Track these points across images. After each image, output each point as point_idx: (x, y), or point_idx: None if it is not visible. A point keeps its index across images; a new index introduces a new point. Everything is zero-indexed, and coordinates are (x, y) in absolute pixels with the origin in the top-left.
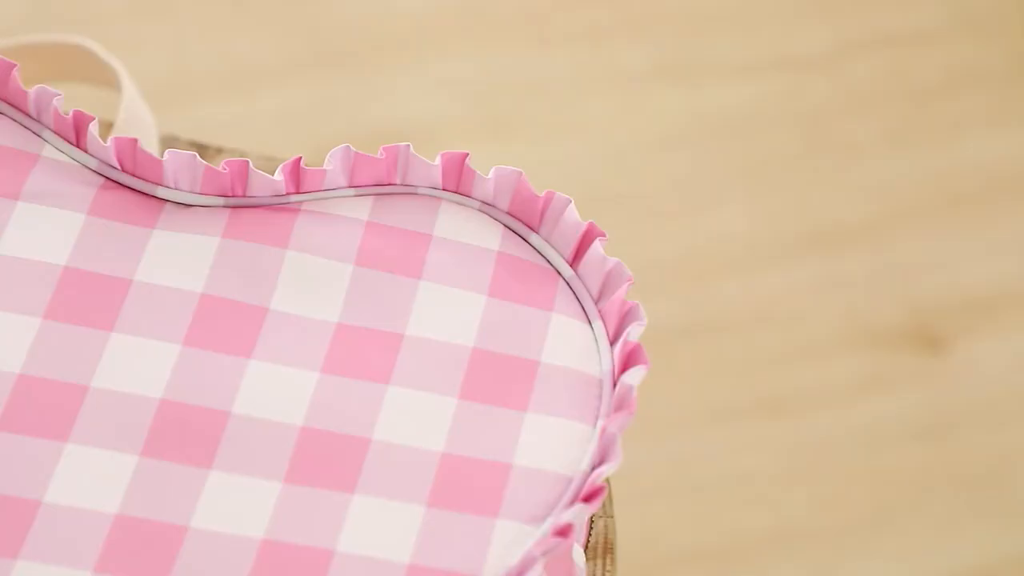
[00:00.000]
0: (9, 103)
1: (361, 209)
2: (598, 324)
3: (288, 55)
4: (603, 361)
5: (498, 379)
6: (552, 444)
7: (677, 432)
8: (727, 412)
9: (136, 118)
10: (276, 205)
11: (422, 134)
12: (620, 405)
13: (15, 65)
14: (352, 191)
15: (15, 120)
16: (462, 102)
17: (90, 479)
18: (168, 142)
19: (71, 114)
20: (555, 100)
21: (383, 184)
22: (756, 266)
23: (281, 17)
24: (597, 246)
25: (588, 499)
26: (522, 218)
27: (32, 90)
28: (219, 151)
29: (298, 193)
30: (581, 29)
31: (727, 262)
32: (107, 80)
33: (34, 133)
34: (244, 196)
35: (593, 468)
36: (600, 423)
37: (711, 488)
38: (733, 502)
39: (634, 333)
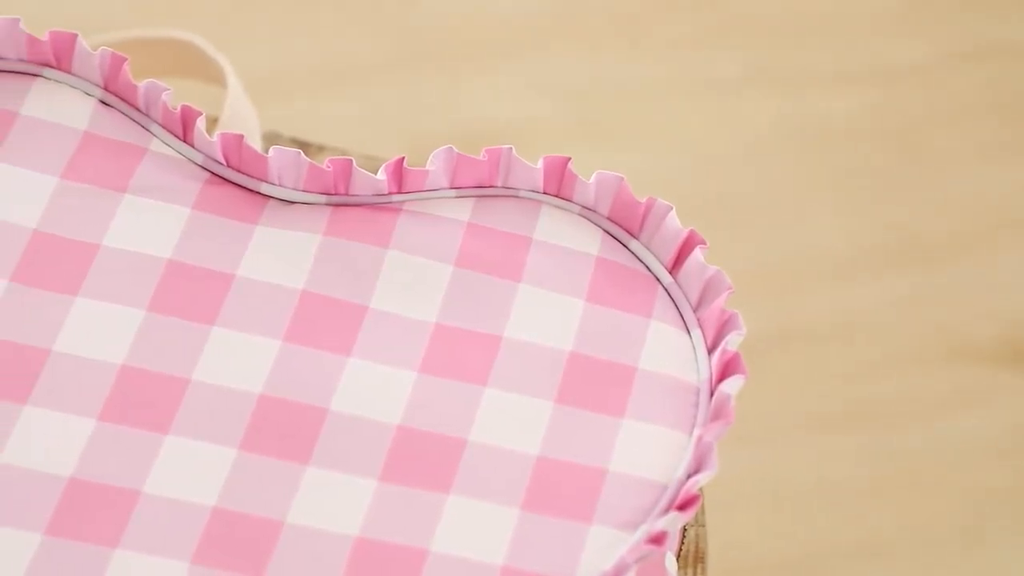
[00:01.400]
0: (119, 96)
1: (462, 210)
2: (696, 332)
3: (384, 54)
4: (701, 369)
5: (595, 384)
6: (648, 451)
7: (763, 441)
8: (814, 423)
9: (240, 115)
10: (378, 204)
11: (513, 136)
12: (717, 414)
13: (126, 59)
14: (453, 192)
15: (124, 114)
16: (553, 105)
17: (189, 471)
18: (270, 139)
19: (179, 109)
20: (647, 105)
21: (484, 186)
22: (846, 277)
23: (379, 16)
24: (697, 254)
25: (683, 507)
26: (622, 224)
27: (142, 84)
28: (320, 149)
29: (400, 193)
30: (676, 35)
31: (817, 272)
32: (212, 76)
33: (142, 127)
34: (346, 195)
35: (688, 476)
36: (696, 431)
37: (798, 499)
38: (820, 513)
39: (733, 342)
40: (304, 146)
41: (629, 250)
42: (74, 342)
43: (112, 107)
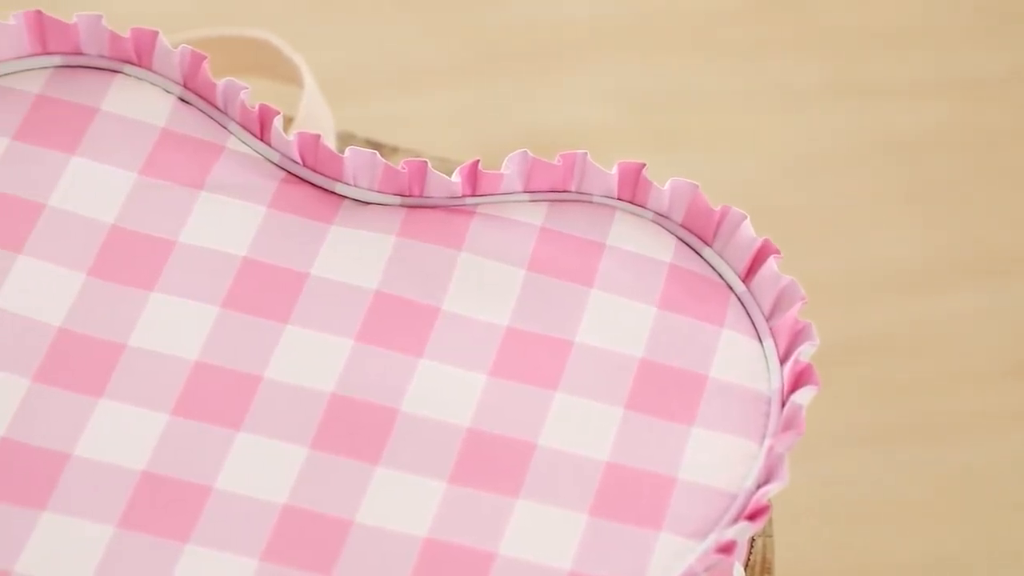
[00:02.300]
0: (198, 94)
1: (535, 214)
2: (768, 342)
3: (456, 56)
4: (772, 379)
5: (665, 391)
6: (718, 460)
7: (828, 452)
8: (882, 436)
9: (315, 114)
10: (452, 207)
11: (582, 141)
12: (788, 424)
13: (206, 57)
14: (527, 196)
15: (203, 111)
16: (623, 111)
17: (260, 468)
18: (344, 139)
19: (257, 107)
20: (718, 113)
21: (558, 190)
22: (918, 290)
23: (449, 18)
24: (771, 263)
25: (752, 517)
26: (696, 231)
27: (220, 82)
28: (394, 150)
29: (474, 196)
30: (751, 42)
31: (889, 284)
32: (288, 76)
33: (220, 125)
34: (421, 196)
35: (758, 487)
36: (767, 442)
37: (862, 512)
38: (884, 527)
39: (805, 353)
40: (378, 147)
41: (702, 258)
42: (149, 337)
43: (191, 105)
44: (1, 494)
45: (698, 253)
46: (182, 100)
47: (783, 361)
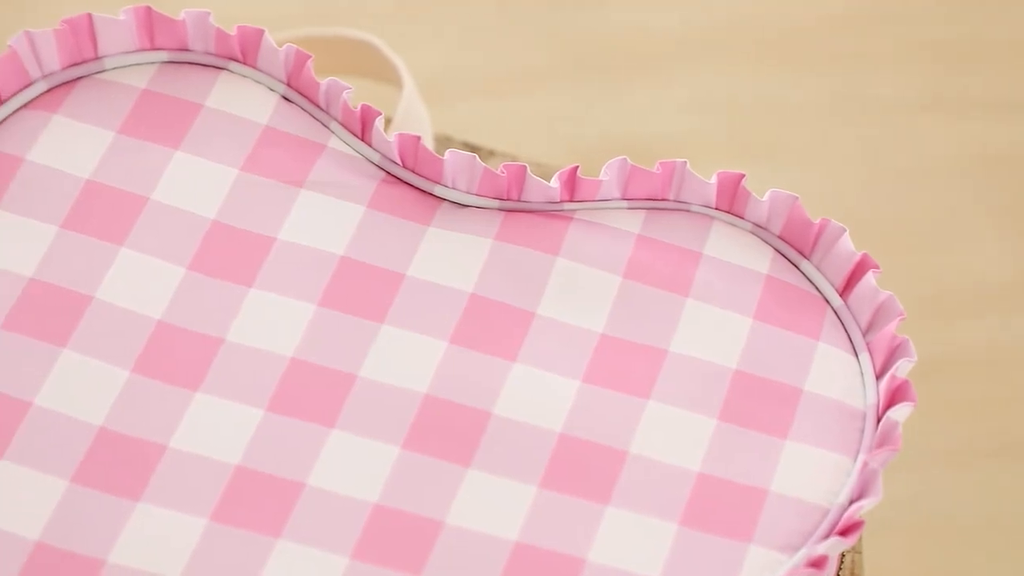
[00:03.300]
0: (301, 93)
1: (633, 222)
2: (865, 357)
3: (549, 61)
4: (868, 395)
5: (759, 403)
6: (811, 474)
7: (918, 469)
8: (970, 453)
9: (414, 116)
10: (549, 212)
11: (673, 148)
12: (884, 441)
13: (310, 56)
14: (625, 203)
15: (305, 110)
16: (713, 120)
17: (352, 466)
18: (442, 142)
19: (359, 108)
20: (809, 125)
21: (656, 199)
22: (1008, 307)
23: (546, 23)
24: (870, 278)
25: (845, 533)
26: (794, 243)
27: (324, 82)
28: (491, 153)
29: (571, 201)
30: (847, 54)
31: (978, 301)
32: (387, 76)
33: (322, 124)
34: (519, 200)
35: (851, 502)
36: (861, 457)
37: (953, 531)
38: (974, 547)
39: (903, 369)
40: (475, 150)
41: (800, 270)
42: (246, 332)
43: (293, 103)
44: (97, 483)
45: (795, 265)
46: (285, 98)
47: (879, 376)
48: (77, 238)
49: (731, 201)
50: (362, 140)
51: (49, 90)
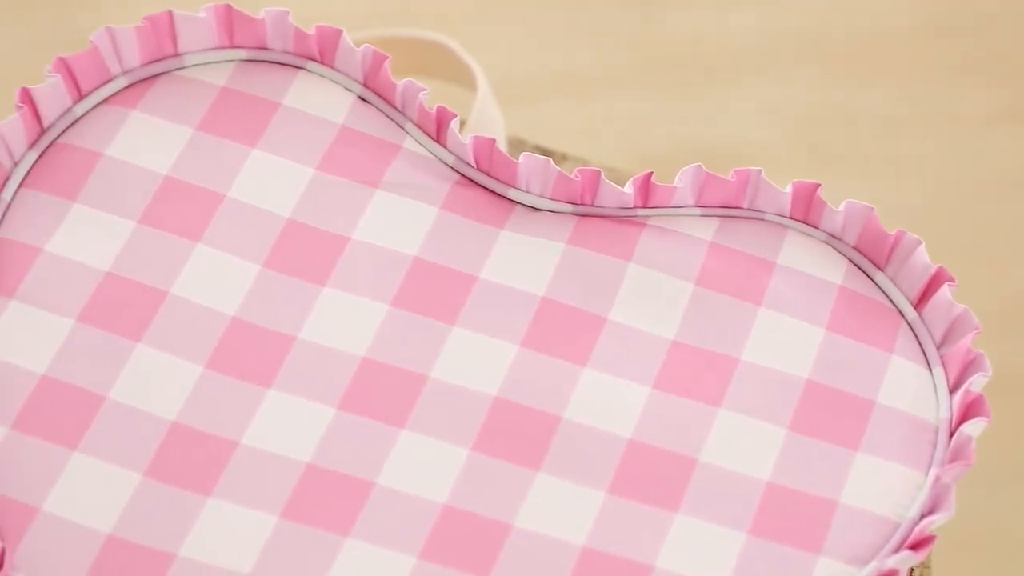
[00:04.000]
0: (377, 94)
1: (706, 229)
2: (938, 370)
3: (620, 66)
4: (941, 408)
5: (831, 414)
6: (881, 487)
7: (987, 485)
8: None
9: (488, 119)
10: (622, 217)
11: (743, 156)
12: (957, 455)
13: (387, 57)
14: (699, 211)
15: (381, 111)
16: (783, 128)
17: (422, 467)
18: (515, 145)
19: (435, 109)
20: (883, 134)
21: (730, 207)
22: None
23: (618, 29)
24: (945, 291)
25: (916, 547)
26: (868, 255)
27: (400, 83)
28: (563, 157)
29: (645, 207)
30: (921, 66)
31: None
32: (461, 79)
33: (397, 125)
34: (592, 205)
35: (922, 516)
36: (933, 471)
37: (1015, 549)
38: None
39: (977, 383)
40: (547, 153)
41: (874, 282)
42: (319, 331)
43: (369, 103)
44: (169, 478)
45: (870, 277)
46: (361, 99)
47: (953, 391)
48: (154, 233)
49: (806, 211)
50: (437, 142)
51: (129, 86)
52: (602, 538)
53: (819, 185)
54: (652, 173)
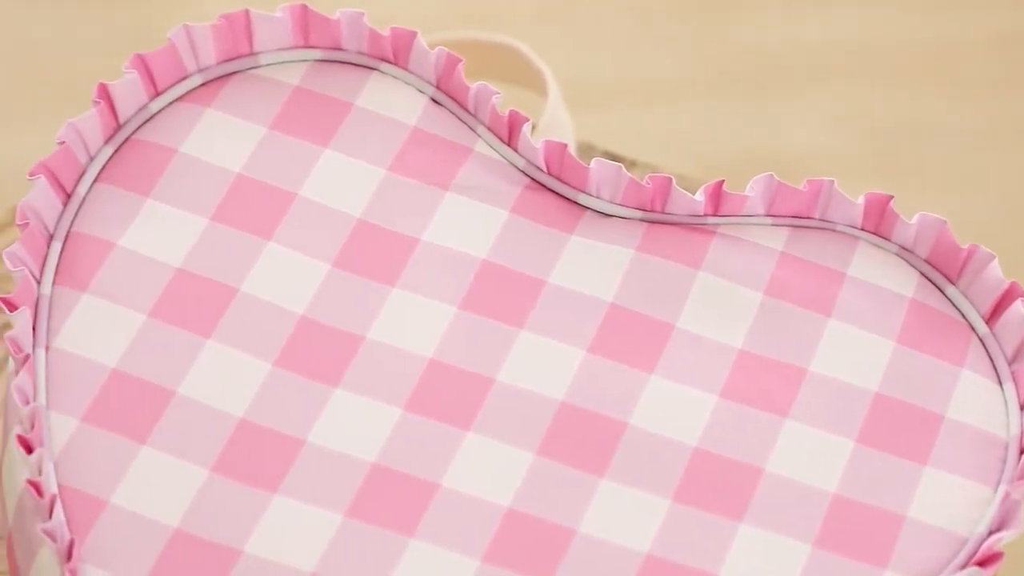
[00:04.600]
0: (450, 96)
1: (776, 239)
2: (1009, 386)
3: (688, 72)
4: (1011, 424)
5: (899, 428)
6: (949, 502)
7: None
8: None
9: (558, 123)
10: (692, 225)
11: (812, 167)
12: None
13: (461, 60)
14: (769, 220)
15: (453, 113)
16: (850, 138)
17: (486, 470)
18: (584, 150)
19: (507, 113)
20: (954, 147)
21: (801, 216)
22: None
23: (686, 34)
24: (1018, 306)
25: (983, 564)
26: (941, 268)
27: (473, 86)
28: (632, 164)
29: (715, 215)
30: (993, 78)
31: None
32: (532, 83)
33: (469, 128)
34: (662, 212)
35: (990, 533)
36: (1002, 488)
37: None
38: None
39: None
40: (616, 159)
41: (945, 295)
42: (387, 331)
43: (442, 106)
44: (236, 474)
45: (941, 290)
46: (434, 101)
47: None
48: (225, 231)
49: (878, 222)
50: (508, 145)
51: (204, 84)
52: (666, 546)
53: (892, 197)
54: (724, 181)
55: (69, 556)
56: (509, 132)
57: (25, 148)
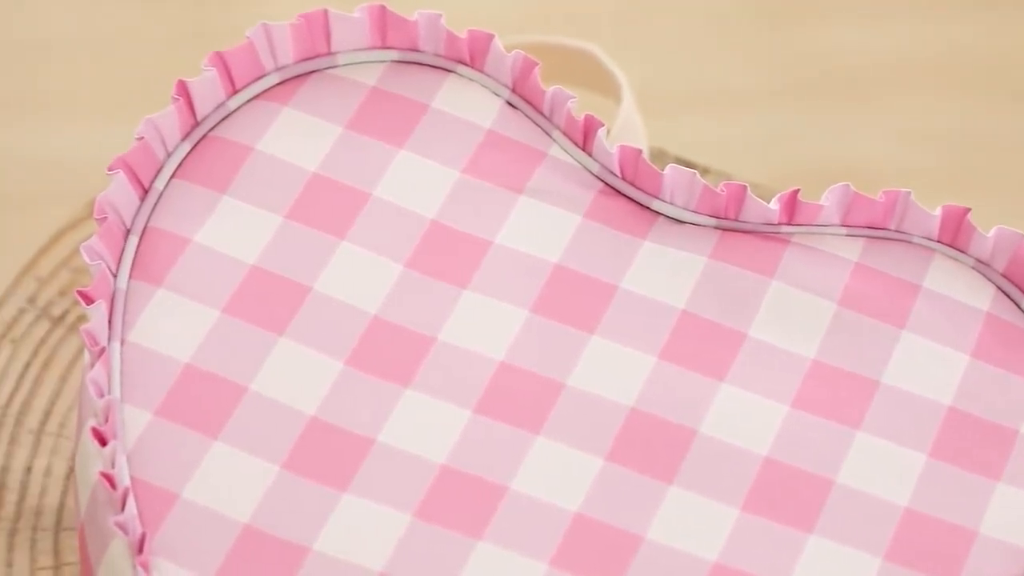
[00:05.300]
0: (526, 99)
1: (851, 250)
2: None
3: (760, 81)
4: None
5: (972, 443)
6: (1022, 518)
7: None
8: None
9: (631, 129)
10: (766, 233)
11: (880, 177)
12: None
13: (537, 63)
14: (844, 230)
15: (528, 116)
16: (925, 149)
17: (555, 474)
18: (656, 156)
19: (582, 117)
20: None
21: (877, 227)
22: None
23: (760, 41)
24: None
25: None
26: (1018, 282)
27: (549, 90)
28: (706, 171)
29: (789, 224)
30: None
31: None
32: (606, 88)
33: (544, 131)
34: (736, 220)
35: None
36: None
37: None
38: None
39: None
40: (689, 166)
41: (1021, 310)
42: (458, 333)
43: (517, 109)
44: (307, 471)
45: (1018, 305)
46: (509, 104)
47: None
48: (300, 229)
49: (954, 235)
50: (583, 150)
51: (281, 82)
52: (734, 555)
53: (969, 209)
54: (799, 190)
55: (140, 549)
56: (584, 136)
57: (104, 143)
